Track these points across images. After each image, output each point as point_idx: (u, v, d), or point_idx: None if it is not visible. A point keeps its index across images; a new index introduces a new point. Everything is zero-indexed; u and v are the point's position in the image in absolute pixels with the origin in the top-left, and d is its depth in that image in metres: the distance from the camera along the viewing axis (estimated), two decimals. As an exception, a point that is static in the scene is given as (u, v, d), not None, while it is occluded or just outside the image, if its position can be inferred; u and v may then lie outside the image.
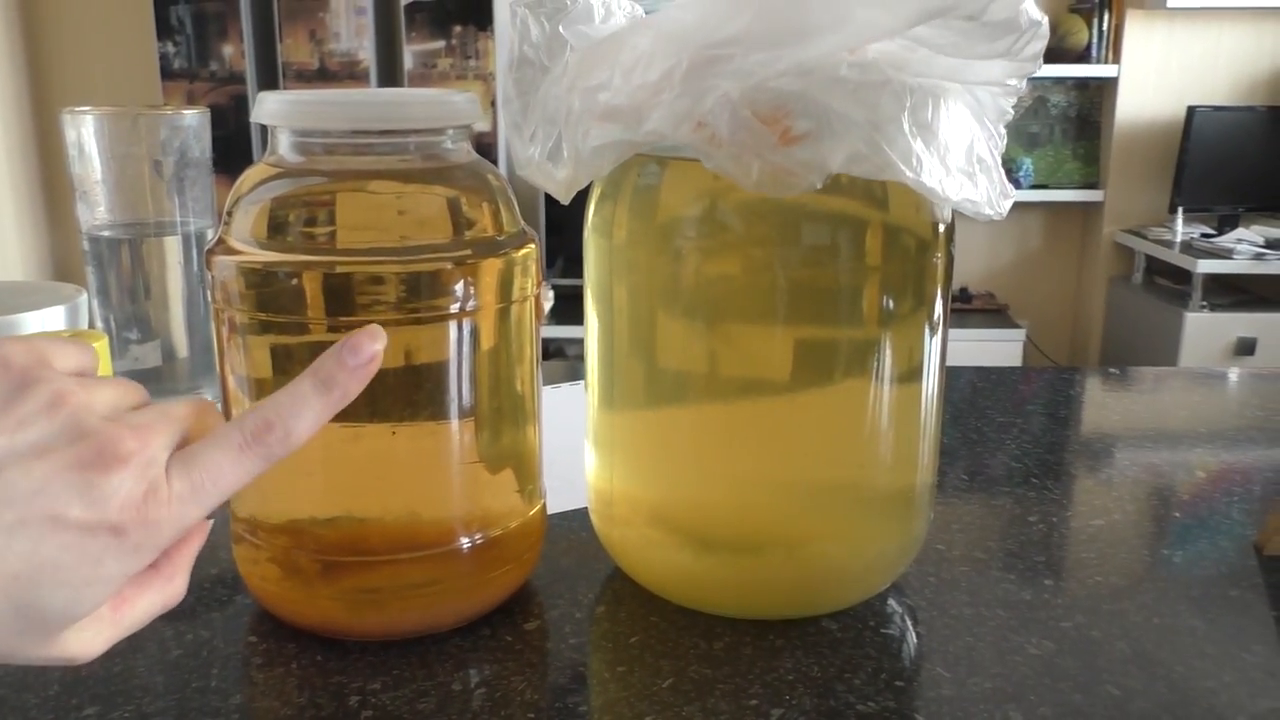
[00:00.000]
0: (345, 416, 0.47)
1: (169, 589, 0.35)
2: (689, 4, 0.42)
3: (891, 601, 0.54)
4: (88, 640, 0.33)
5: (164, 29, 2.79)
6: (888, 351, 0.49)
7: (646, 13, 0.53)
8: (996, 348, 3.06)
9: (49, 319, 0.80)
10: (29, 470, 0.31)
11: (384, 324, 0.45)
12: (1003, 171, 0.47)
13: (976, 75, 0.45)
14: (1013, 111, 0.48)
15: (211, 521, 0.36)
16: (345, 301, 0.45)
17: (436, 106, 0.48)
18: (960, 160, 0.44)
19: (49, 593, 0.31)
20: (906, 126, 0.42)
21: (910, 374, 0.51)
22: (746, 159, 0.42)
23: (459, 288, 0.46)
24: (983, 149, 0.46)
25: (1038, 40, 0.43)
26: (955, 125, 0.45)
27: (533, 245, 0.50)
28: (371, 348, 0.36)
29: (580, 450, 0.58)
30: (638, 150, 0.47)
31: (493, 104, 2.78)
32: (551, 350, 2.85)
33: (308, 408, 0.35)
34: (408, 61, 2.82)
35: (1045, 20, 0.43)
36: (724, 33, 0.41)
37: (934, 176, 0.43)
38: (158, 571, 0.35)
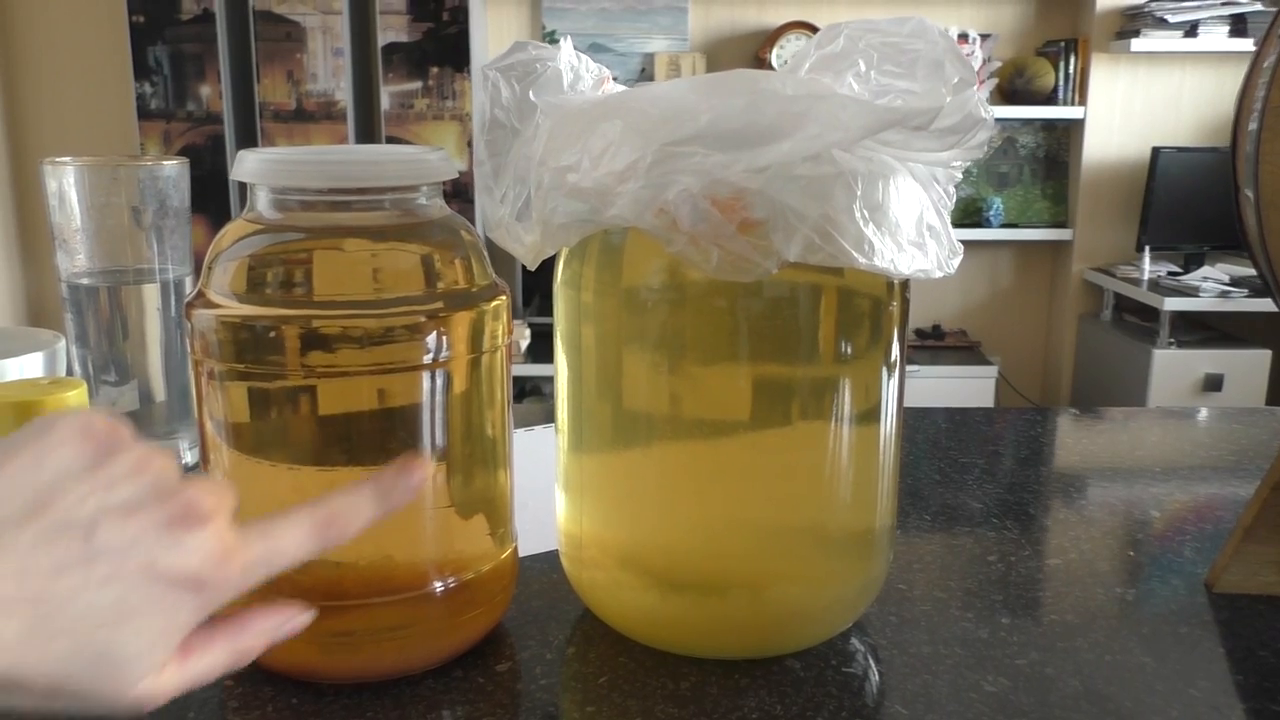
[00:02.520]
0: (320, 462, 0.49)
1: (236, 645, 0.38)
2: (657, 98, 0.45)
3: (854, 640, 0.56)
4: (155, 686, 0.35)
5: (141, 69, 2.81)
6: (846, 396, 0.51)
7: (611, 72, 0.56)
8: (969, 385, 3.09)
9: (27, 365, 0.81)
10: (123, 527, 0.33)
11: (359, 374, 0.47)
12: (951, 230, 0.49)
13: (926, 159, 0.48)
14: (961, 175, 0.50)
15: (309, 614, 0.40)
16: (322, 355, 0.47)
17: (412, 165, 0.50)
18: (911, 233, 0.47)
19: (127, 640, 0.33)
20: (858, 214, 0.45)
21: (868, 417, 0.53)
22: (706, 246, 0.45)
23: (432, 339, 0.48)
24: (932, 216, 0.48)
25: (984, 131, 0.46)
26: (905, 199, 0.47)
27: (504, 297, 0.52)
28: (423, 476, 0.42)
29: (551, 492, 0.59)
30: (602, 228, 0.49)
31: (468, 144, 2.81)
32: (528, 389, 2.86)
33: (364, 512, 0.39)
34: (385, 102, 2.85)
35: (992, 115, 0.46)
36: (685, 131, 0.44)
37: (885, 257, 0.46)
38: (226, 627, 0.37)
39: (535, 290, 3.07)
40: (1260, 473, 0.81)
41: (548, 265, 0.55)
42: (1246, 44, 2.97)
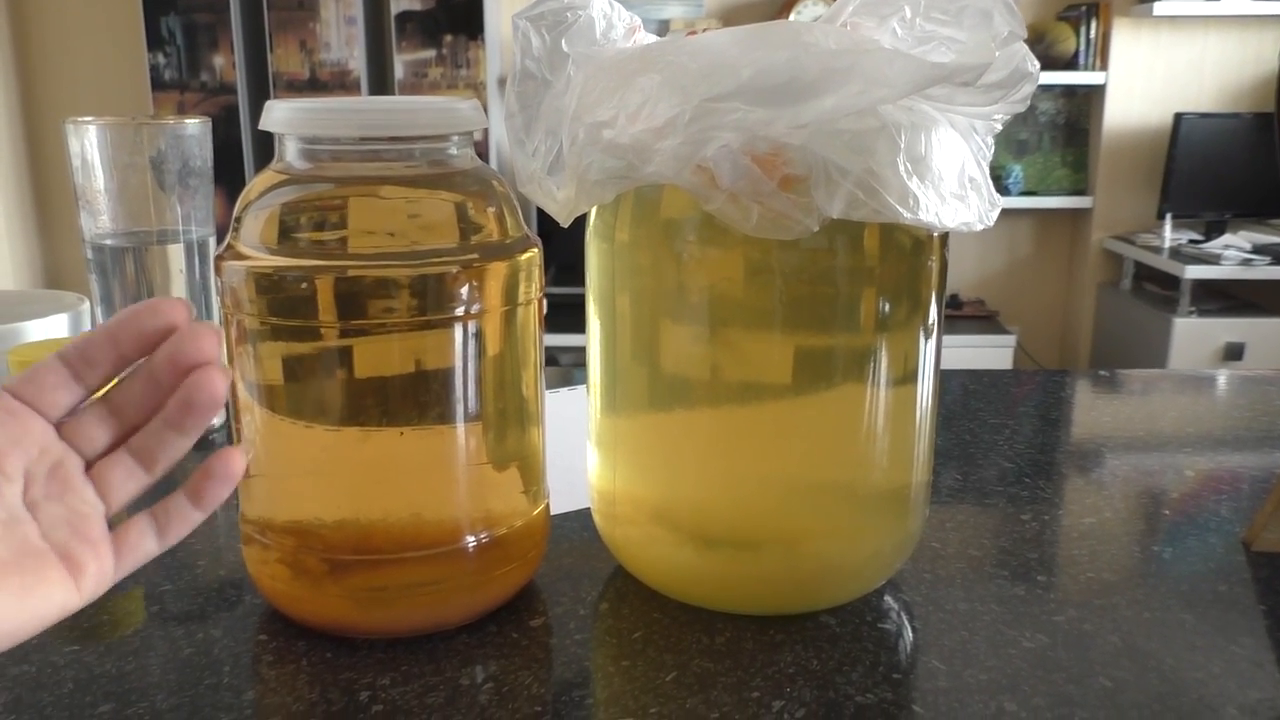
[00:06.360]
0: (355, 419, 0.49)
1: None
2: (697, 52, 0.44)
3: (888, 597, 0.55)
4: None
5: (154, 40, 2.80)
6: (884, 354, 0.50)
7: (644, 21, 0.55)
8: (987, 354, 3.07)
9: (52, 326, 0.81)
10: None
11: (392, 327, 0.47)
12: (990, 181, 0.49)
13: (968, 112, 0.47)
14: (1001, 126, 0.49)
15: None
16: (354, 305, 0.46)
17: (443, 114, 0.49)
18: (953, 185, 0.46)
19: None
20: (901, 168, 0.44)
21: (905, 376, 0.52)
22: (746, 203, 0.44)
23: (466, 291, 0.47)
24: (972, 167, 0.48)
25: (1029, 85, 0.45)
26: (947, 151, 0.46)
27: (536, 250, 0.52)
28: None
29: (580, 453, 0.59)
30: (638, 184, 0.48)
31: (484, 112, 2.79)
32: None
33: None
34: (398, 71, 2.83)
35: (1037, 68, 0.45)
36: (726, 86, 0.43)
37: (930, 211, 0.45)
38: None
39: (551, 260, 3.05)
40: (1295, 432, 0.80)
41: (565, 235, 0.54)
42: (1271, 7, 2.93)
